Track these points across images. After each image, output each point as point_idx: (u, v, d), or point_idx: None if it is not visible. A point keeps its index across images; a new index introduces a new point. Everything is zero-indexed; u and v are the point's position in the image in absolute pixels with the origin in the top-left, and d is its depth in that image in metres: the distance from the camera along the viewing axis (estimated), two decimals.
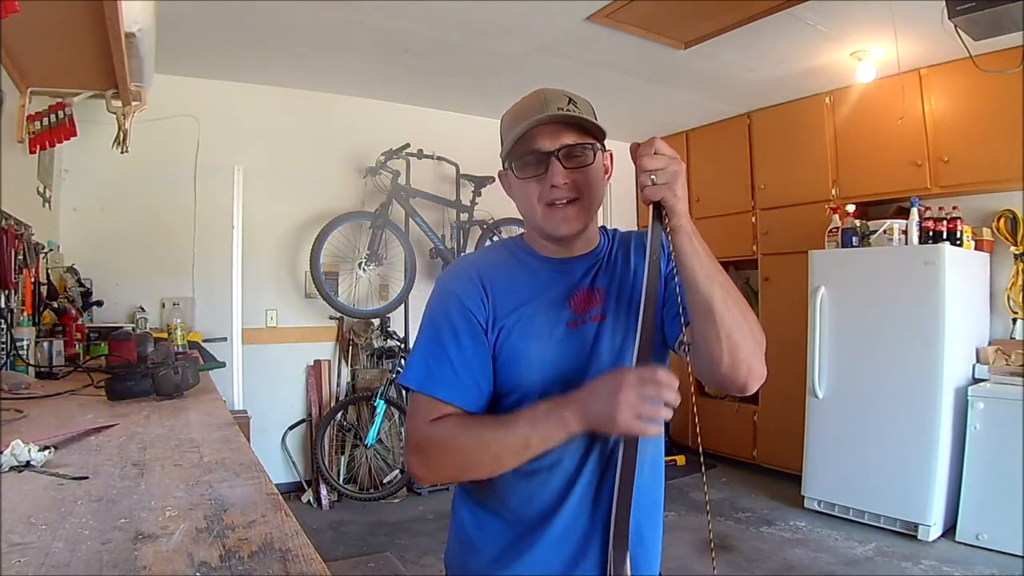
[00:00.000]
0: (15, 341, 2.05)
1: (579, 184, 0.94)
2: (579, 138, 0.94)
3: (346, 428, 3.95)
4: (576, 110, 0.94)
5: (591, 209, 0.97)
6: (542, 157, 0.94)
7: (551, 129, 0.93)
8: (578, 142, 0.94)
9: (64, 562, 0.63)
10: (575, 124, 0.93)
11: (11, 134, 2.52)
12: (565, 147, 0.93)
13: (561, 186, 0.93)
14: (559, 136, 0.93)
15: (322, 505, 3.76)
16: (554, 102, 0.93)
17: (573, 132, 0.94)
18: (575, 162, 0.94)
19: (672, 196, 0.83)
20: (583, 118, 0.93)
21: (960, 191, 3.49)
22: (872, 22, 3.00)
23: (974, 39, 2.48)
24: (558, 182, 0.93)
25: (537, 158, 0.94)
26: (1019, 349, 3.35)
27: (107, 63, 2.28)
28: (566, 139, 0.93)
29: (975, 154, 3.35)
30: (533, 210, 0.97)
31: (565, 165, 0.93)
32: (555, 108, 0.92)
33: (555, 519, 0.95)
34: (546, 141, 0.93)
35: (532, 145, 0.94)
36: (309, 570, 0.63)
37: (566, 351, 0.95)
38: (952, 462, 3.20)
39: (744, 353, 0.87)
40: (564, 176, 0.93)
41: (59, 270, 3.05)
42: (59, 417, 1.42)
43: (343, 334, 4.18)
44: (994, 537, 3.02)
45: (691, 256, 0.85)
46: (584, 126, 0.94)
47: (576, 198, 0.95)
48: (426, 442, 0.93)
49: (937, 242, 3.32)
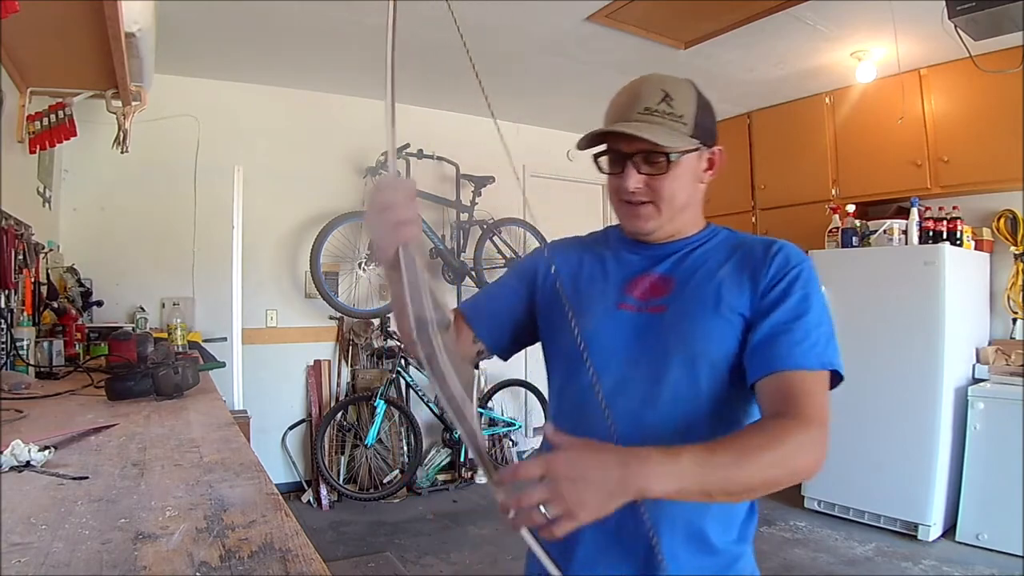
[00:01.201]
0: (15, 341, 2.05)
1: (654, 189, 0.92)
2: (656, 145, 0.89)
3: (346, 428, 3.95)
4: (668, 110, 0.89)
5: (667, 211, 0.94)
6: (620, 157, 0.93)
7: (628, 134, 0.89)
8: (655, 149, 0.89)
9: (64, 562, 0.63)
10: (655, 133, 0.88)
11: (11, 134, 2.52)
12: (641, 153, 0.90)
13: (633, 190, 0.92)
14: (636, 140, 0.89)
15: (322, 505, 3.76)
16: (645, 99, 0.90)
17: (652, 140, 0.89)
18: (652, 168, 0.91)
19: (585, 520, 0.68)
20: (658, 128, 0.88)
21: (960, 191, 3.49)
22: (872, 22, 3.00)
23: (974, 39, 2.48)
24: (630, 186, 0.91)
25: (616, 156, 0.93)
26: (1019, 349, 3.35)
27: (107, 63, 2.28)
28: (642, 145, 0.89)
29: (975, 154, 3.35)
30: (612, 201, 0.98)
31: (640, 170, 0.91)
32: (643, 108, 0.90)
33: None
34: (624, 143, 0.91)
35: (613, 144, 0.93)
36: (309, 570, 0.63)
37: (606, 329, 0.93)
38: (952, 462, 3.20)
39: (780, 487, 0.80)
40: (637, 181, 0.91)
41: (59, 270, 3.05)
42: (59, 417, 1.42)
43: (343, 334, 4.18)
44: (994, 537, 3.02)
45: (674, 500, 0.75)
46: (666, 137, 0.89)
47: (649, 201, 0.93)
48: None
49: (937, 242, 3.32)
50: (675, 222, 0.97)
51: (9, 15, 1.46)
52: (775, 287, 0.89)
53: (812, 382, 0.85)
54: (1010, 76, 2.92)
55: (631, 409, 0.88)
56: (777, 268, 0.90)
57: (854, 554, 3.08)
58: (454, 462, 4.22)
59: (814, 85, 3.90)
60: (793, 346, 0.85)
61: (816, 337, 0.86)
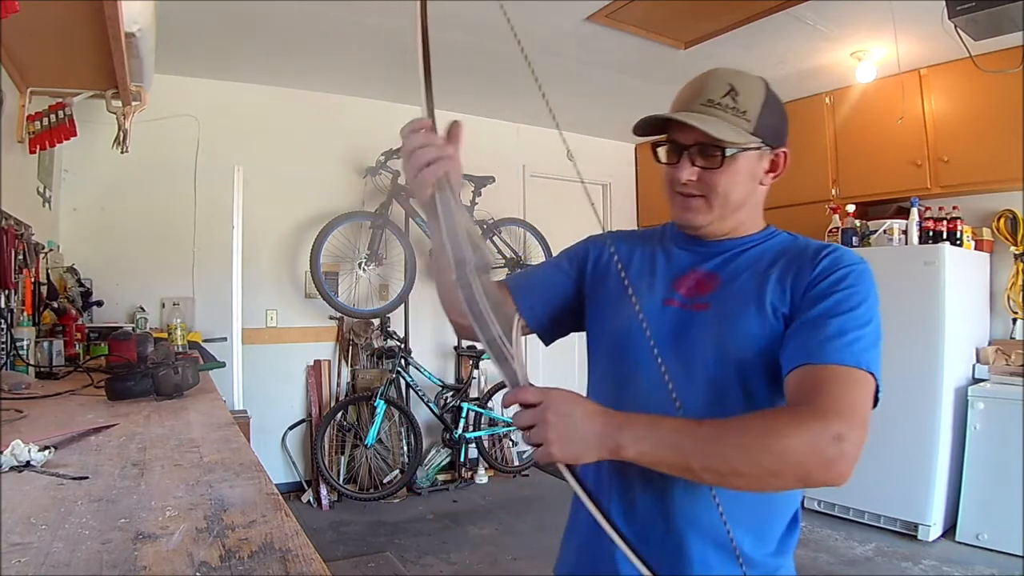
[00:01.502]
0: (15, 341, 2.05)
1: (708, 183, 0.90)
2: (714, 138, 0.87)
3: (346, 428, 3.95)
4: (732, 104, 0.87)
5: (719, 208, 0.91)
6: (676, 147, 0.91)
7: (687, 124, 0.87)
8: (711, 143, 0.87)
9: (64, 562, 0.63)
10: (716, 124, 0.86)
11: (11, 134, 2.52)
12: (698, 144, 0.88)
13: (686, 182, 0.90)
14: (694, 131, 0.87)
15: (322, 505, 3.76)
16: (710, 91, 0.88)
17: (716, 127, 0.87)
18: (707, 161, 0.89)
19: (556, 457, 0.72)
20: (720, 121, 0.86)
21: (960, 191, 3.49)
22: (872, 22, 3.00)
23: (974, 39, 2.48)
24: (682, 177, 0.90)
25: (672, 147, 0.92)
26: (1019, 349, 3.35)
27: (107, 63, 2.28)
28: (700, 136, 0.87)
29: (975, 154, 3.35)
30: (666, 192, 0.96)
31: (695, 162, 0.89)
32: (706, 99, 0.88)
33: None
34: (682, 133, 0.89)
35: (671, 134, 0.91)
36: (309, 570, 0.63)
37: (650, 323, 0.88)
38: (952, 462, 3.20)
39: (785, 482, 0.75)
40: (691, 173, 0.89)
41: (59, 270, 3.05)
42: (59, 417, 1.42)
43: (343, 334, 4.18)
44: (994, 537, 3.02)
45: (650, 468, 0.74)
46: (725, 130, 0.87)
47: (702, 195, 0.91)
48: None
49: (937, 242, 3.32)
50: (728, 220, 0.94)
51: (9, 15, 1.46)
52: (818, 284, 0.85)
53: (845, 377, 0.77)
54: (1010, 76, 2.92)
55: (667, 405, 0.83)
56: (824, 267, 0.86)
57: (854, 554, 3.08)
58: (454, 462, 4.22)
59: (814, 85, 3.90)
60: (826, 340, 0.79)
61: (856, 336, 0.79)
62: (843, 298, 0.82)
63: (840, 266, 0.86)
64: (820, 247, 0.90)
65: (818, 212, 3.91)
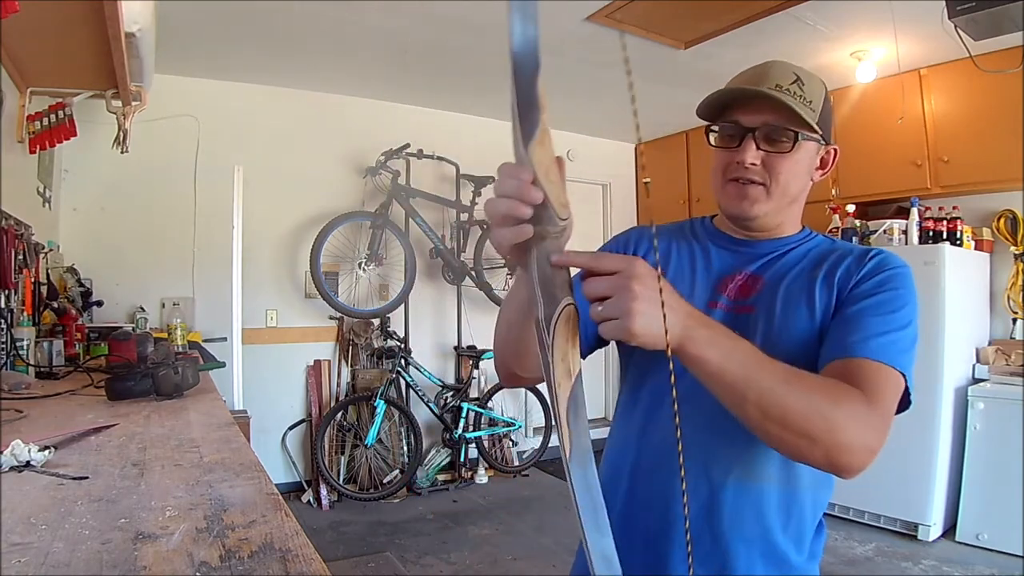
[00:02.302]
0: (15, 341, 2.05)
1: (771, 169, 0.86)
2: (785, 120, 0.85)
3: (346, 428, 3.95)
4: (800, 92, 0.85)
5: (777, 198, 0.88)
6: (738, 130, 0.86)
7: (757, 104, 0.85)
8: (782, 125, 0.85)
9: (64, 562, 0.63)
10: (783, 106, 0.83)
11: (11, 134, 2.52)
12: (766, 126, 0.85)
13: (748, 165, 0.86)
14: (762, 113, 0.84)
15: (322, 505, 3.76)
16: (775, 77, 0.85)
17: (779, 114, 0.84)
18: (773, 146, 0.85)
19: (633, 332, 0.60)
20: (790, 101, 0.83)
21: (960, 191, 3.49)
22: (872, 22, 3.00)
23: (974, 39, 2.48)
24: (746, 160, 0.85)
25: (734, 130, 0.87)
26: (1019, 349, 3.35)
27: (107, 63, 2.28)
28: (769, 117, 0.84)
29: (975, 154, 3.35)
30: (717, 180, 0.91)
31: (759, 145, 0.85)
32: (773, 84, 0.84)
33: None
34: (747, 115, 0.85)
35: (732, 115, 0.87)
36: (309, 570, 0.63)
37: None
38: (952, 462, 3.20)
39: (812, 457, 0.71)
40: (755, 156, 0.85)
41: (59, 270, 3.05)
42: (59, 417, 1.42)
43: (343, 334, 4.18)
44: (994, 537, 3.02)
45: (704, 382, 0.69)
46: (796, 111, 0.83)
47: (761, 183, 0.87)
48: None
49: (937, 242, 3.32)
50: (780, 214, 0.92)
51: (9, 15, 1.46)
52: (864, 283, 0.84)
53: (885, 375, 0.76)
54: (1010, 76, 2.92)
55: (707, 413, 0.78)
56: (871, 268, 0.85)
57: (854, 554, 3.08)
58: (454, 462, 4.22)
59: None
60: (869, 338, 0.78)
61: (896, 337, 0.79)
62: (887, 299, 0.82)
63: (887, 268, 0.85)
64: (866, 249, 0.89)
65: (818, 212, 3.91)
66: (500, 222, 0.58)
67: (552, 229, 0.58)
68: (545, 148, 0.55)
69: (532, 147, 0.54)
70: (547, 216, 0.57)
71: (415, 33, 3.18)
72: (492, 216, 0.58)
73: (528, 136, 0.54)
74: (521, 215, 0.56)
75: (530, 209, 0.56)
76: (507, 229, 0.57)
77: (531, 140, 0.54)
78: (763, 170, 0.86)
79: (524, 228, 0.57)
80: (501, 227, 0.57)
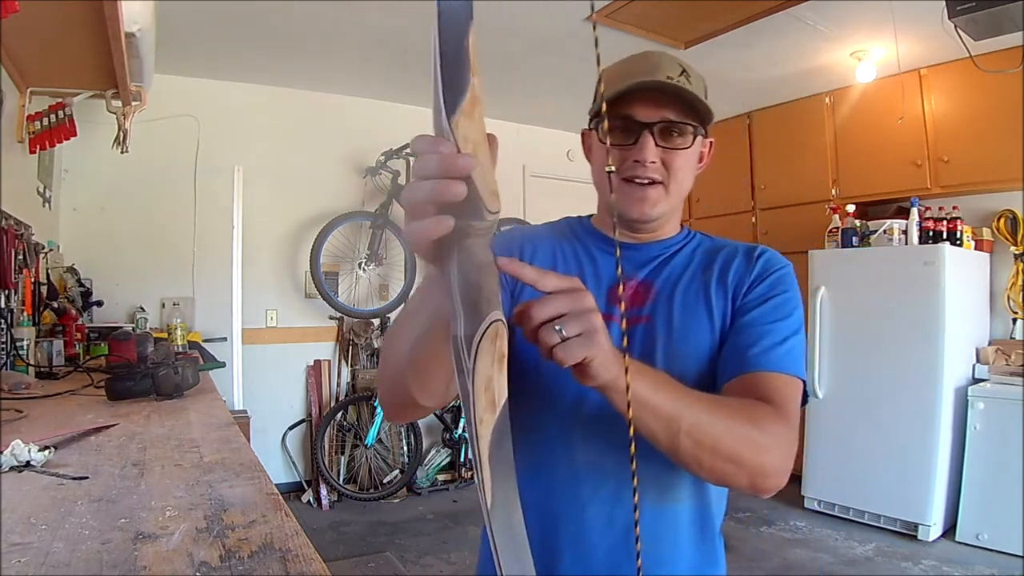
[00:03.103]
0: (15, 341, 2.05)
1: (669, 167, 0.82)
2: (682, 115, 0.81)
3: (346, 428, 3.95)
4: (688, 85, 0.80)
5: (674, 196, 0.85)
6: (634, 127, 0.81)
7: (654, 98, 0.80)
8: (681, 120, 0.81)
9: (64, 562, 0.63)
10: (681, 99, 0.80)
11: (11, 134, 2.52)
12: (665, 122, 0.81)
13: (648, 164, 0.81)
14: (660, 108, 0.80)
15: (322, 505, 3.76)
16: (666, 69, 0.81)
17: (676, 107, 0.81)
18: (671, 142, 0.82)
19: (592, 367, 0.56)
20: (693, 95, 0.80)
21: (960, 191, 3.49)
22: (872, 22, 3.00)
23: (974, 39, 2.48)
24: (645, 158, 0.80)
25: (628, 126, 0.81)
26: (1019, 349, 3.35)
27: (107, 63, 2.28)
28: (668, 113, 0.80)
29: (975, 154, 3.35)
30: (607, 182, 0.84)
31: (659, 142, 0.81)
32: (664, 76, 0.80)
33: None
34: (644, 110, 0.80)
35: (627, 110, 0.81)
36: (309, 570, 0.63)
37: None
38: (952, 462, 3.20)
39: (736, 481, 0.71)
40: (654, 154, 0.81)
41: (59, 270, 3.05)
42: (59, 417, 1.42)
43: (343, 334, 4.18)
44: (994, 537, 3.02)
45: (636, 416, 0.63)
46: (692, 103, 0.80)
47: (661, 181, 0.83)
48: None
49: (937, 242, 3.32)
50: (675, 213, 0.89)
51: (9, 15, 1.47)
52: (756, 287, 0.83)
53: (788, 385, 0.77)
54: (1010, 76, 2.92)
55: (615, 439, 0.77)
56: (761, 269, 0.85)
57: (854, 554, 3.08)
58: (454, 462, 4.22)
59: (814, 85, 3.90)
60: (771, 349, 0.78)
61: (793, 344, 0.80)
62: (780, 303, 0.82)
63: (774, 268, 0.85)
64: (750, 247, 0.88)
65: (818, 212, 3.91)
66: (418, 211, 0.44)
67: (478, 225, 0.45)
68: (474, 121, 0.43)
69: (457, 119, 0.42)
70: (473, 208, 0.44)
71: (415, 33, 3.18)
72: (409, 204, 0.45)
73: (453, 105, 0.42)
74: (451, 196, 0.42)
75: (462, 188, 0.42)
76: (426, 221, 0.44)
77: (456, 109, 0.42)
78: (662, 168, 0.82)
79: (444, 220, 0.44)
80: (419, 218, 0.44)
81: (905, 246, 3.44)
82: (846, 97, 3.89)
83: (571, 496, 0.83)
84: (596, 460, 0.82)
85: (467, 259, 0.47)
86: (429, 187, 0.43)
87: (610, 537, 0.81)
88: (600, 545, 0.82)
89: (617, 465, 0.81)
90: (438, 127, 0.43)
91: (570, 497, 0.83)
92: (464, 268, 0.47)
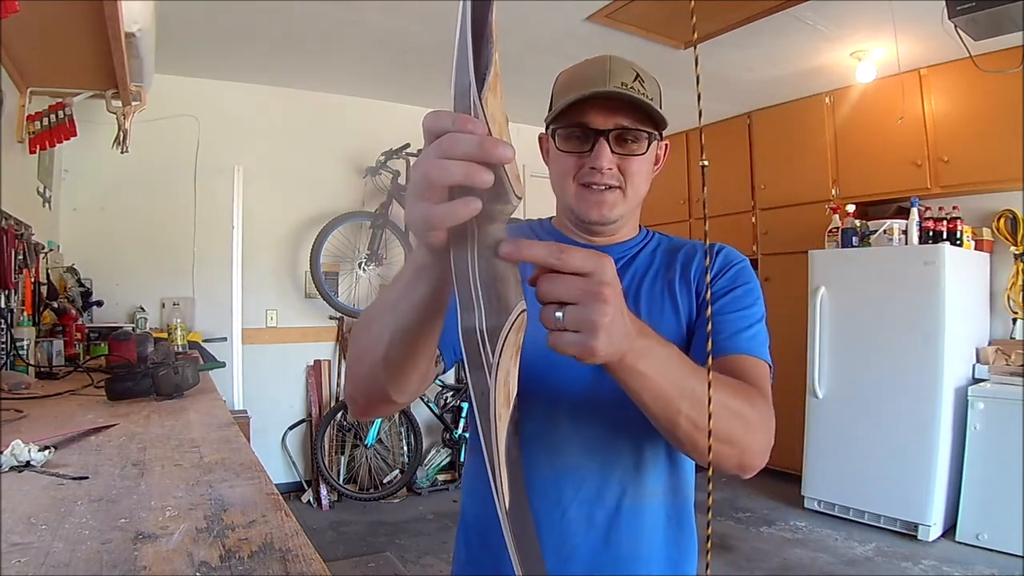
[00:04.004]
0: (15, 341, 2.05)
1: (625, 172, 0.84)
2: (636, 122, 0.83)
3: (346, 428, 3.95)
4: (642, 90, 0.82)
5: (631, 200, 0.87)
6: (590, 134, 0.83)
7: (608, 105, 0.82)
8: (635, 127, 0.82)
9: (64, 562, 0.63)
10: (635, 105, 0.81)
11: (11, 134, 2.52)
12: (619, 129, 0.82)
13: (604, 171, 0.83)
14: (614, 115, 0.82)
15: (322, 505, 3.76)
16: (619, 75, 0.82)
17: (631, 114, 0.82)
18: (626, 148, 0.83)
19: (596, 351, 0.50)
20: (646, 103, 0.81)
21: (960, 191, 3.49)
22: (872, 22, 3.00)
23: (974, 39, 2.48)
24: (602, 166, 0.82)
25: (584, 133, 0.83)
26: (1019, 349, 3.35)
27: (107, 63, 2.28)
28: (622, 119, 0.82)
29: (975, 154, 3.35)
30: (566, 187, 0.87)
31: (614, 149, 0.83)
32: (618, 82, 0.81)
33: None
34: (599, 117, 0.82)
35: (582, 118, 0.83)
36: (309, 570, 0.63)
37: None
38: (952, 462, 3.20)
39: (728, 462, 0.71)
40: (610, 161, 0.82)
41: (59, 270, 3.05)
42: (59, 417, 1.42)
43: (343, 334, 4.18)
44: (994, 537, 3.02)
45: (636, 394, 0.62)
46: (645, 110, 0.82)
47: (618, 186, 0.84)
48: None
49: (937, 242, 3.32)
50: (632, 217, 0.91)
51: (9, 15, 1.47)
52: (718, 280, 0.86)
53: (763, 369, 0.80)
54: (1010, 76, 2.92)
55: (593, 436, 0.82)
56: (722, 263, 0.88)
57: (854, 554, 3.08)
58: (454, 462, 4.23)
59: (814, 85, 3.90)
60: (738, 333, 0.81)
61: (759, 330, 0.83)
62: (742, 294, 0.85)
63: (734, 263, 0.88)
64: (709, 245, 0.89)
65: (818, 212, 3.91)
66: (438, 195, 0.42)
67: (504, 209, 0.44)
68: (497, 99, 0.41)
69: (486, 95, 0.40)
70: (500, 192, 0.42)
71: (415, 33, 3.18)
72: (432, 183, 0.42)
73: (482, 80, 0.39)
74: (482, 183, 0.41)
75: (492, 175, 0.41)
76: (454, 204, 0.41)
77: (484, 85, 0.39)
78: (618, 173, 0.84)
79: (472, 202, 0.41)
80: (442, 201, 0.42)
81: (905, 246, 3.44)
82: (846, 97, 3.89)
83: (554, 498, 0.83)
84: (576, 461, 0.83)
85: (487, 247, 0.44)
86: (461, 170, 0.40)
87: (591, 537, 0.82)
88: (581, 546, 0.83)
89: (599, 465, 0.83)
90: (463, 104, 0.41)
91: (553, 499, 0.83)
92: (486, 256, 0.44)
